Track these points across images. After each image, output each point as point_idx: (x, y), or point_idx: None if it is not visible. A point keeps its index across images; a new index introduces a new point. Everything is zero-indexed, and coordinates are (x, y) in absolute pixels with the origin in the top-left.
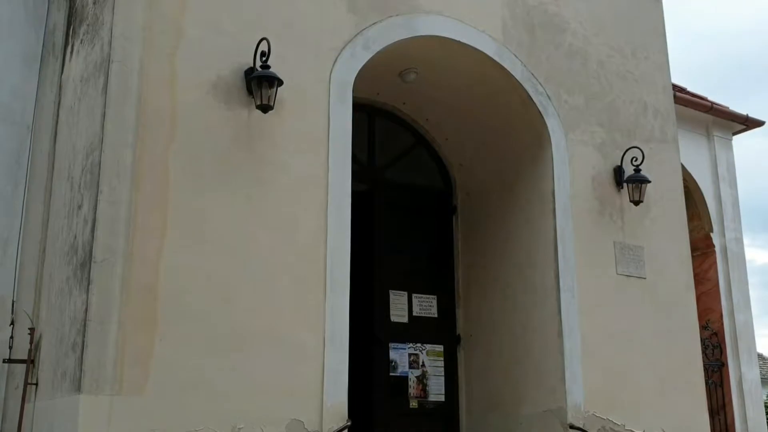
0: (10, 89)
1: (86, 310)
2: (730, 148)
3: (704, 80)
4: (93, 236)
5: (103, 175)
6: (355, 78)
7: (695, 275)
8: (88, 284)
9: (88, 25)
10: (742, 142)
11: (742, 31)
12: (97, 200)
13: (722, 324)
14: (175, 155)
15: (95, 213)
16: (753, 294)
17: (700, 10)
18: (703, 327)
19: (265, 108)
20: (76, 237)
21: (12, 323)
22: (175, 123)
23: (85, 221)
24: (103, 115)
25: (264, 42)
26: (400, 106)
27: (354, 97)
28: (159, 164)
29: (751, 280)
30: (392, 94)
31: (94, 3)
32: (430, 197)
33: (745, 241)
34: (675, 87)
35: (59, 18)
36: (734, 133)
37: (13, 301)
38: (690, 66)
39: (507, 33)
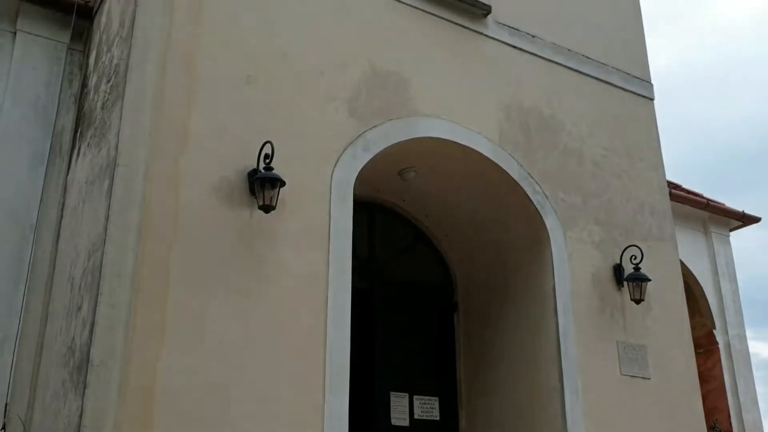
0: (16, 188)
1: (81, 415)
2: (728, 243)
3: (700, 173)
4: (91, 339)
5: (104, 277)
6: (356, 177)
7: (700, 373)
8: (84, 389)
9: (95, 128)
10: (741, 234)
11: (735, 123)
12: (97, 302)
13: (731, 424)
14: (177, 256)
15: (94, 315)
16: (759, 389)
17: (694, 104)
18: (711, 428)
19: (267, 208)
20: (74, 339)
21: (3, 427)
22: (177, 224)
23: (83, 323)
24: (107, 217)
25: (268, 145)
26: (400, 202)
27: (355, 195)
28: (160, 265)
29: (757, 374)
30: (392, 191)
31: (103, 107)
32: (430, 294)
33: (749, 334)
34: (670, 184)
35: (67, 120)
36: (731, 229)
37: (6, 404)
38: (684, 158)
39: (503, 134)
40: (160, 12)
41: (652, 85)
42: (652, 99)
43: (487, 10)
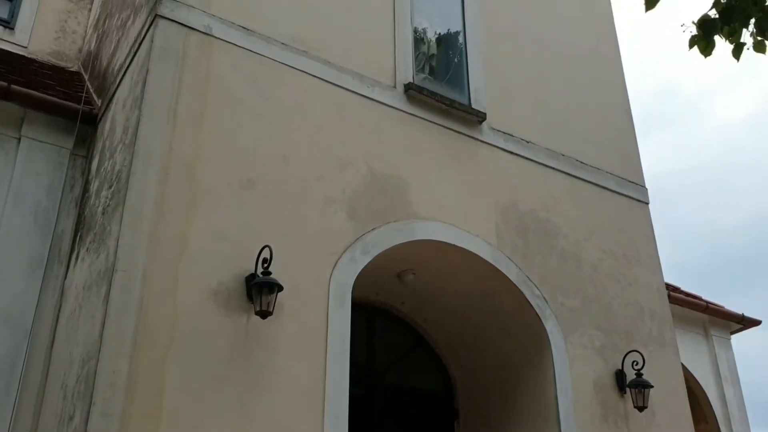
0: (13, 293)
1: None
2: (729, 347)
3: (699, 275)
4: None
5: (97, 386)
6: (354, 280)
7: None
8: None
9: (95, 233)
10: (743, 336)
11: (733, 226)
12: (89, 412)
13: None
14: (172, 365)
15: (86, 426)
16: None
17: (690, 208)
18: None
19: (264, 314)
20: None
21: None
22: (174, 330)
23: None
24: (103, 324)
25: (266, 249)
26: (398, 305)
27: (353, 298)
28: (155, 373)
29: None
30: (391, 294)
31: (103, 213)
32: (430, 400)
33: None
34: (669, 287)
35: (67, 224)
36: (732, 332)
37: None
38: (682, 259)
39: (501, 237)
40: (164, 120)
41: (646, 189)
42: (647, 203)
43: (482, 117)
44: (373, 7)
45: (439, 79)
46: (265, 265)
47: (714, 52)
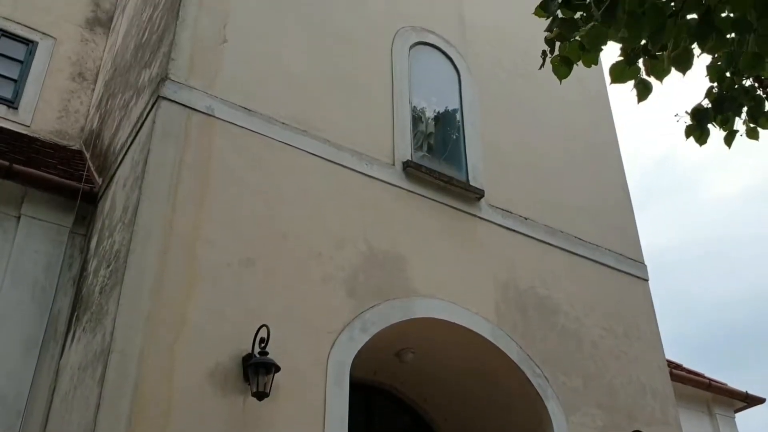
0: (7, 373)
1: None
2: (734, 425)
3: (699, 349)
4: None
5: None
6: (353, 359)
7: None
8: None
9: (92, 313)
10: (748, 414)
11: (734, 300)
12: None
13: None
14: None
15: None
16: None
17: (689, 280)
18: None
19: (260, 396)
20: None
21: None
22: (169, 413)
23: None
24: (97, 406)
25: (264, 328)
26: (398, 385)
27: (351, 377)
28: None
29: None
30: (390, 373)
31: (101, 292)
32: None
33: None
34: (671, 364)
35: (65, 304)
36: (736, 410)
37: None
38: (683, 335)
39: (500, 315)
40: (164, 199)
41: (645, 266)
42: (646, 280)
43: (480, 194)
44: (372, 87)
45: (437, 156)
46: (263, 344)
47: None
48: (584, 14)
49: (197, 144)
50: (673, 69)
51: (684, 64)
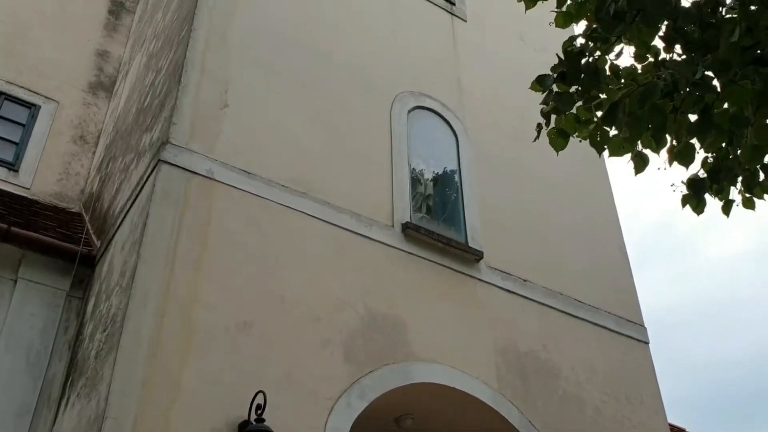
0: None
1: None
2: None
3: (700, 410)
4: None
5: None
6: (351, 427)
7: None
8: None
9: (87, 378)
10: None
11: (734, 360)
12: None
13: None
14: None
15: None
16: None
17: (690, 341)
18: None
19: None
20: None
21: None
22: None
23: None
24: None
25: (260, 395)
26: None
27: None
28: None
29: None
30: None
31: (96, 357)
32: None
33: None
34: (674, 428)
35: (59, 368)
36: None
37: None
38: (684, 396)
39: (501, 379)
40: (162, 263)
41: (645, 329)
42: (647, 342)
43: (479, 256)
44: (371, 150)
45: (436, 218)
46: (259, 411)
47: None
48: (579, 88)
49: (196, 207)
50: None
51: (687, 158)
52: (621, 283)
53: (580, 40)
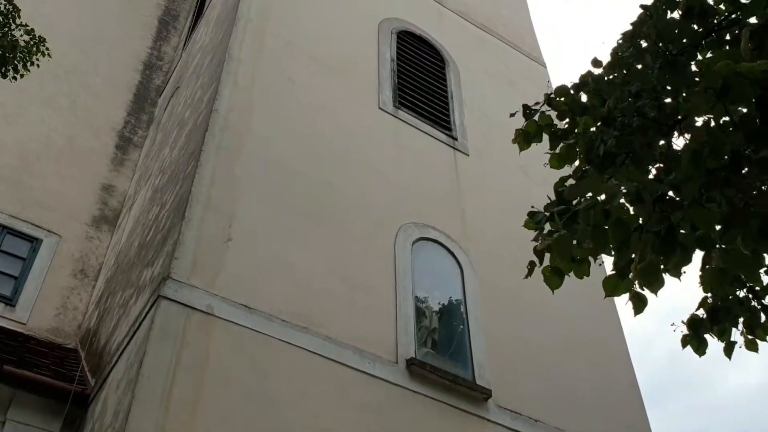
0: None
1: None
2: None
3: None
4: None
5: None
6: None
7: None
8: None
9: None
10: None
11: None
12: None
13: None
14: None
15: None
16: None
17: None
18: None
19: None
20: None
21: None
22: None
23: None
24: None
25: None
26: None
27: None
28: None
29: None
30: None
31: None
32: None
33: None
34: None
35: None
36: None
37: None
38: None
39: None
40: (157, 404)
41: None
42: None
43: (487, 394)
44: (375, 283)
45: (442, 353)
46: None
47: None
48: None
49: (195, 344)
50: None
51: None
52: (633, 418)
53: (572, 180)
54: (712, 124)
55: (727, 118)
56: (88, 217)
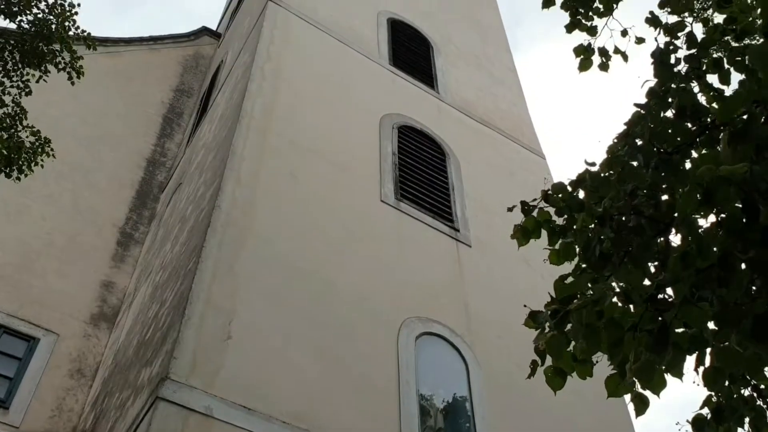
0: None
1: None
2: None
3: None
4: None
5: None
6: None
7: None
8: None
9: None
10: None
11: None
12: None
13: None
14: None
15: None
16: None
17: None
18: None
19: None
20: None
21: None
22: None
23: None
24: None
25: None
26: None
27: None
28: None
29: None
30: None
31: None
32: None
33: None
34: None
35: None
36: None
37: None
38: None
39: None
40: None
41: None
42: None
43: None
44: (378, 380)
45: None
46: None
47: None
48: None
49: None
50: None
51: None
52: None
53: (571, 279)
54: (702, 222)
55: (713, 218)
56: (86, 315)
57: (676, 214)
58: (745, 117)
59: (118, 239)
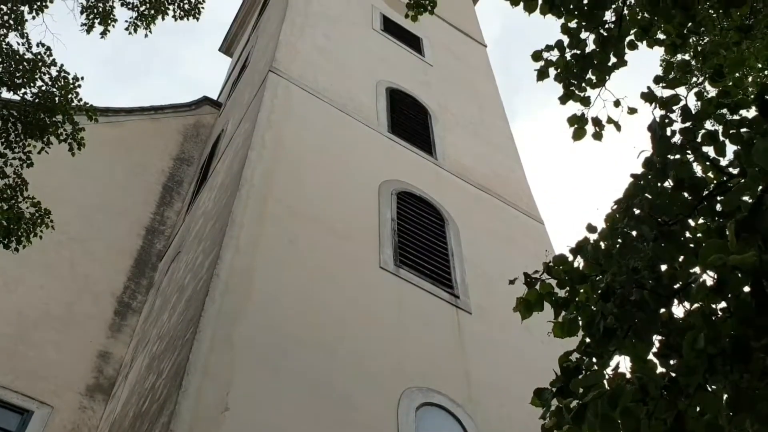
0: None
1: None
2: None
3: None
4: None
5: None
6: None
7: None
8: None
9: None
10: None
11: None
12: None
13: None
14: None
15: None
16: None
17: None
18: None
19: None
20: None
21: None
22: None
23: None
24: None
25: None
26: None
27: None
28: None
29: None
30: None
31: None
32: None
33: None
34: None
35: None
36: None
37: None
38: None
39: None
40: None
41: None
42: None
43: None
44: None
45: None
46: None
47: None
48: (579, 402)
49: None
50: None
51: None
52: None
53: (576, 354)
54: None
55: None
56: (82, 387)
57: (678, 285)
58: (750, 201)
59: (116, 308)
